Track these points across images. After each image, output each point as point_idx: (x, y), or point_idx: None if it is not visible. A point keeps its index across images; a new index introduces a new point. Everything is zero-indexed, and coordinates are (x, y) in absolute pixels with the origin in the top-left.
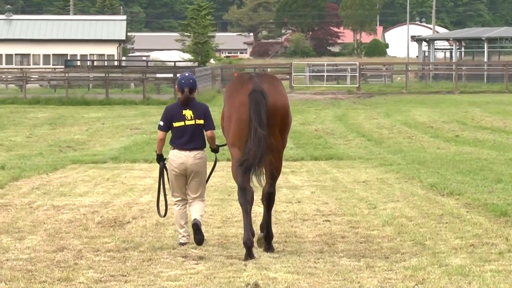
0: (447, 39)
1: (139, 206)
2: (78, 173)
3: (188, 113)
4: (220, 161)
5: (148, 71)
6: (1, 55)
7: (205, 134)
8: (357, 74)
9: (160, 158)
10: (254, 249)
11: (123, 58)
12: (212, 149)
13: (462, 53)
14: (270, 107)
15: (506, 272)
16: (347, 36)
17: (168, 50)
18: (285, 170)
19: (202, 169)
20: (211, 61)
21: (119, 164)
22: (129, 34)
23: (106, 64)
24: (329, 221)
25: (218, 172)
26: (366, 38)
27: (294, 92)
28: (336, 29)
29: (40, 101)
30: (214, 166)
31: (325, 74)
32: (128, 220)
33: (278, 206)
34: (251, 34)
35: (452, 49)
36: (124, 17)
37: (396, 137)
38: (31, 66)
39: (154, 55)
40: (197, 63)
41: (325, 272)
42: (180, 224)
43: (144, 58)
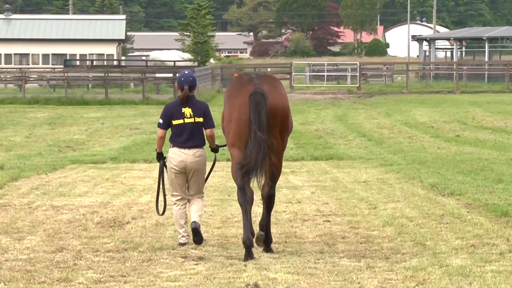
0: (448, 39)
1: (139, 207)
2: (78, 173)
3: (187, 111)
4: (220, 161)
5: (147, 71)
6: (0, 55)
7: (204, 132)
8: (357, 74)
9: (160, 157)
10: (254, 249)
11: (123, 58)
12: (211, 148)
13: (463, 52)
14: (270, 108)
15: (507, 272)
16: (348, 35)
17: (167, 49)
18: (285, 170)
19: (202, 167)
20: (211, 60)
21: (119, 164)
22: (128, 33)
23: (105, 64)
24: (329, 221)
25: (218, 172)
26: (366, 37)
27: (294, 92)
28: (336, 28)
29: (39, 101)
30: (213, 165)
31: (325, 74)
32: (127, 220)
33: (278, 206)
34: (251, 34)
35: (453, 48)
36: (123, 16)
37: (396, 137)
38: (30, 65)
39: (154, 55)
40: (197, 63)
41: (325, 272)
42: (180, 224)
43: (143, 58)
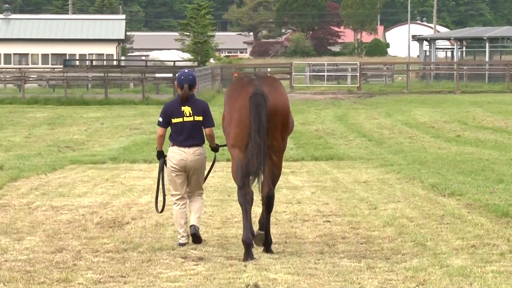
0: (449, 39)
1: (138, 207)
2: (77, 173)
3: (187, 109)
4: (220, 161)
5: (147, 71)
6: None
7: (204, 131)
8: (357, 74)
9: (160, 155)
10: (253, 249)
11: (122, 58)
12: (211, 148)
13: (464, 52)
14: (270, 109)
15: (507, 273)
16: (348, 35)
17: (167, 49)
18: (285, 171)
19: (202, 165)
20: (211, 60)
21: (118, 164)
22: (128, 33)
23: (105, 63)
24: (329, 221)
25: (218, 172)
26: (366, 37)
27: (294, 92)
28: (336, 28)
29: (38, 101)
30: (213, 164)
31: (325, 73)
32: (127, 220)
33: (278, 207)
34: (251, 34)
35: (453, 48)
36: (123, 16)
37: (397, 137)
38: (30, 65)
39: (154, 55)
40: (196, 63)
41: (325, 273)
42: (179, 223)
43: (143, 58)
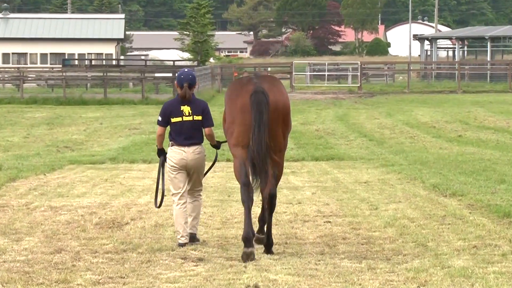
0: (450, 38)
1: (138, 207)
2: (76, 173)
3: (186, 109)
4: (220, 161)
5: (146, 71)
6: None
7: (203, 131)
8: (358, 74)
9: (160, 152)
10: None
11: (122, 57)
12: (212, 145)
13: (465, 52)
14: (271, 106)
15: (509, 273)
16: (348, 35)
17: (167, 49)
18: (285, 171)
19: (202, 164)
20: (211, 60)
21: (118, 164)
22: (127, 33)
23: (104, 63)
24: (330, 222)
25: (218, 172)
26: (367, 37)
27: (295, 91)
28: (337, 27)
29: (37, 100)
30: (215, 160)
31: (326, 73)
32: (126, 221)
33: (279, 207)
34: (251, 33)
35: (454, 48)
36: (122, 15)
37: (398, 137)
38: (28, 65)
39: (153, 54)
40: (196, 62)
41: (326, 274)
42: (180, 223)
43: (142, 57)
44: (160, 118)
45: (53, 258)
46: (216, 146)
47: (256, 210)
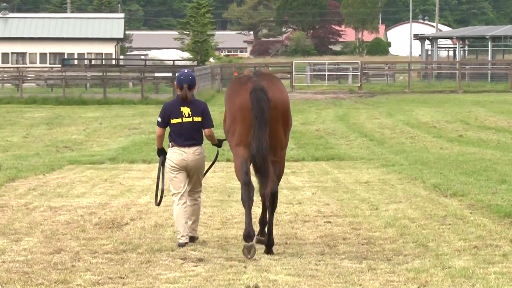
0: (451, 38)
1: (137, 207)
2: (76, 173)
3: (186, 110)
4: (219, 161)
5: (146, 70)
6: None
7: (203, 132)
8: (359, 73)
9: (160, 152)
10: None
11: (121, 57)
12: (213, 144)
13: (466, 51)
14: (271, 103)
15: (510, 274)
16: (349, 34)
17: (166, 48)
18: (286, 171)
19: (202, 165)
20: (211, 60)
21: (117, 164)
22: (127, 32)
23: (103, 63)
24: (330, 222)
25: (218, 173)
26: (368, 36)
27: (295, 91)
28: (337, 27)
29: (36, 100)
30: (215, 159)
31: (326, 73)
32: (126, 221)
33: (279, 207)
34: (251, 33)
35: (455, 47)
36: (122, 15)
37: (398, 137)
38: (28, 65)
39: (153, 54)
40: (196, 62)
41: (326, 274)
42: (180, 223)
43: (142, 57)
44: (159, 119)
45: (52, 258)
46: (217, 145)
47: (256, 210)
